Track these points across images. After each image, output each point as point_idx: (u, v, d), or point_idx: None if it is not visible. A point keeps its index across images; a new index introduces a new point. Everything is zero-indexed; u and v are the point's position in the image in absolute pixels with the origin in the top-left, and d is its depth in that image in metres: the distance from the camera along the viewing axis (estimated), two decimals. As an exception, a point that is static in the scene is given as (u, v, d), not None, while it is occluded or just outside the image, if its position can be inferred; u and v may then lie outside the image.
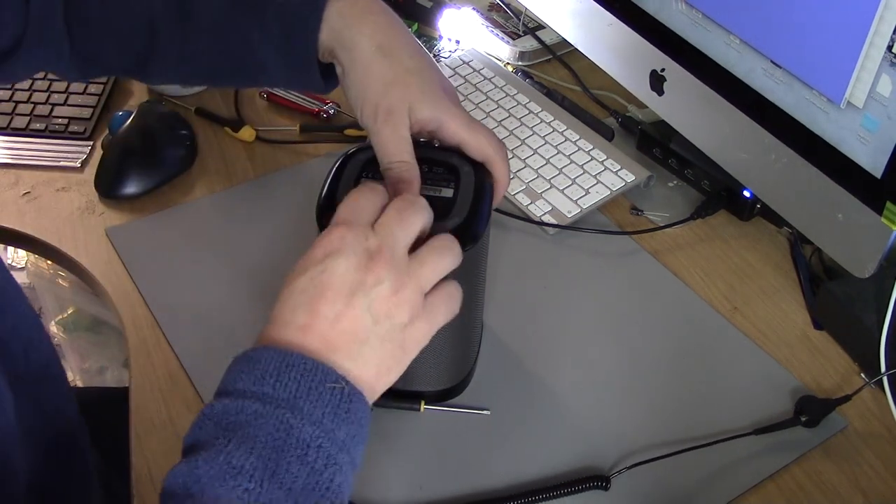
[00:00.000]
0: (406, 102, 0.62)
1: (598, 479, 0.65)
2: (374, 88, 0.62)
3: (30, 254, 1.35)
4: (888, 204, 0.66)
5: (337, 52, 0.64)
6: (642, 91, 0.89)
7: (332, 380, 0.48)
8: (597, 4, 0.90)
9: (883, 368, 0.70)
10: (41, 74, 1.00)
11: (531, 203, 0.86)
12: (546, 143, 0.92)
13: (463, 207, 0.61)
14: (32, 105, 0.97)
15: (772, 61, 0.72)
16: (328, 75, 0.67)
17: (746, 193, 0.85)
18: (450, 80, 1.00)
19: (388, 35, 0.65)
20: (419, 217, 0.54)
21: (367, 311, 0.51)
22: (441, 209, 0.61)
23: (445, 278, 0.54)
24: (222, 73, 0.70)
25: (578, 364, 0.74)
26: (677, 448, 0.67)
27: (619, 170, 0.89)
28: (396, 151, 0.61)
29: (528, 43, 1.07)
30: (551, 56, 1.07)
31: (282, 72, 0.67)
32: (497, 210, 0.85)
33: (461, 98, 0.98)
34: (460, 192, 0.62)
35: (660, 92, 0.86)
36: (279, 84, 0.72)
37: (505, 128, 0.94)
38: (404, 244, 0.53)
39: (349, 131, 0.95)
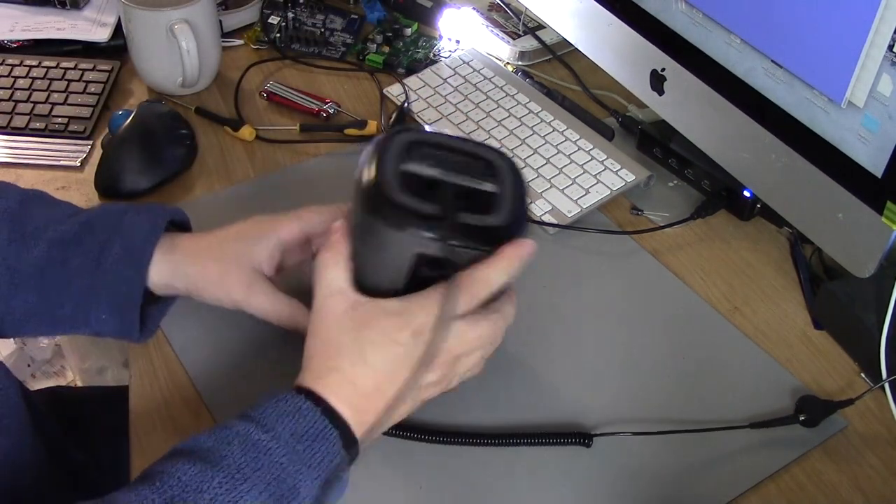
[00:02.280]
0: (246, 262, 0.66)
1: (580, 436, 0.67)
2: (213, 281, 0.67)
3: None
4: (888, 203, 0.65)
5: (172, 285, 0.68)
6: (642, 91, 0.88)
7: (342, 469, 0.55)
8: (597, 4, 0.90)
9: (883, 369, 0.70)
10: (41, 72, 1.00)
11: (531, 203, 0.86)
12: (546, 142, 0.92)
13: (509, 203, 0.59)
14: (32, 104, 0.97)
15: (772, 61, 0.72)
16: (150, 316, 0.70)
17: (746, 193, 0.85)
18: (448, 80, 1.00)
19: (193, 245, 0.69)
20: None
21: (405, 368, 0.57)
22: (484, 203, 0.59)
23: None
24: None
25: (577, 363, 0.74)
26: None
27: (620, 169, 0.89)
28: (274, 310, 0.66)
29: (528, 43, 1.06)
30: (551, 56, 1.07)
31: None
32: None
33: (461, 98, 0.98)
34: (504, 187, 0.60)
35: (660, 92, 0.86)
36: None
37: (505, 127, 0.94)
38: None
39: (349, 131, 0.95)
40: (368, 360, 0.56)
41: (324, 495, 0.55)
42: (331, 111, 0.98)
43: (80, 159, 0.92)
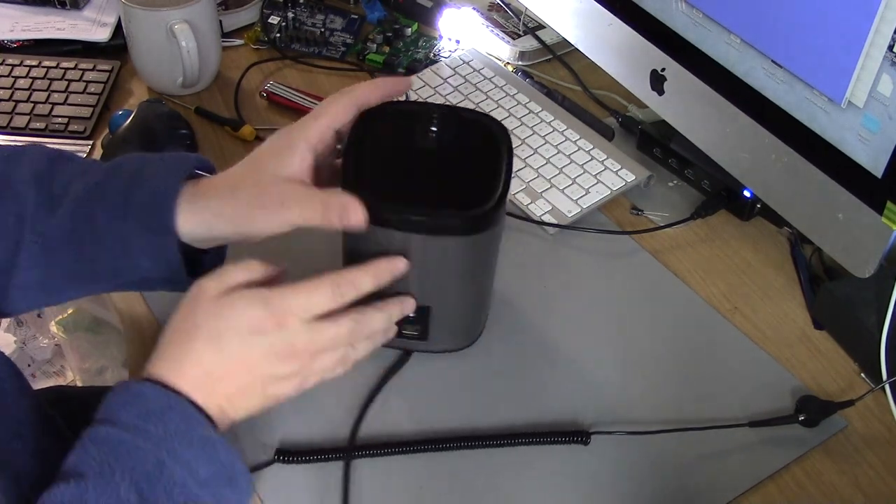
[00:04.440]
0: (280, 176, 0.63)
1: (578, 434, 0.67)
2: (253, 209, 0.63)
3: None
4: (888, 203, 0.65)
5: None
6: (642, 91, 0.88)
7: (203, 427, 0.54)
8: (597, 4, 0.90)
9: (884, 370, 0.70)
10: (41, 72, 1.00)
11: (531, 203, 0.86)
12: (546, 142, 0.92)
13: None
14: (32, 104, 0.97)
15: (772, 61, 0.72)
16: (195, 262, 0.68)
17: (746, 193, 0.85)
18: (448, 80, 1.00)
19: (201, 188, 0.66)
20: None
21: (261, 358, 0.57)
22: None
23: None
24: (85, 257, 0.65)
25: (577, 363, 0.74)
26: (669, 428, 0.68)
27: (620, 169, 0.89)
28: (306, 215, 0.62)
29: (529, 43, 1.06)
30: (551, 56, 1.07)
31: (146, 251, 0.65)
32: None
33: (461, 98, 0.98)
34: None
35: (660, 92, 0.86)
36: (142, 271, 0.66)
37: (505, 127, 0.94)
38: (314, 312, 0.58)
39: (349, 131, 0.95)
40: (224, 347, 0.56)
41: (196, 458, 0.54)
42: (331, 111, 0.98)
43: (80, 159, 0.92)
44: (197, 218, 0.64)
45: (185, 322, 0.57)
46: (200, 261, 0.69)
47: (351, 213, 0.60)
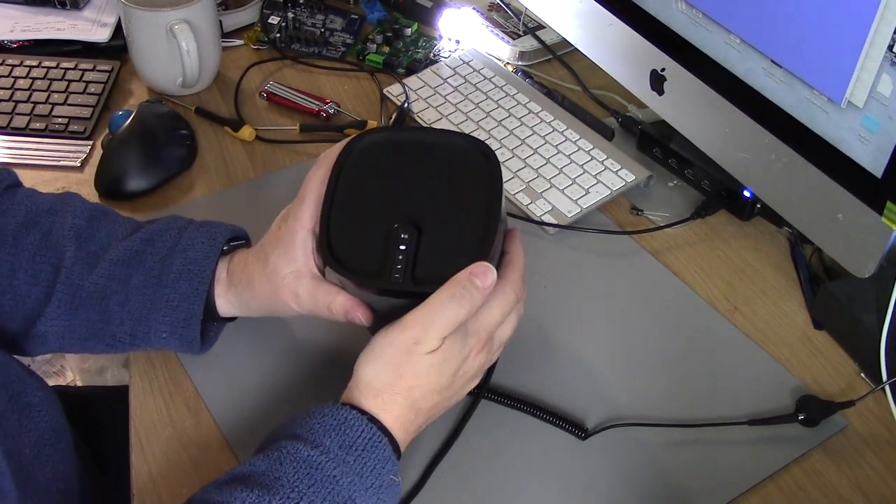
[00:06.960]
0: (289, 270, 0.64)
1: (577, 427, 0.68)
2: (271, 302, 0.66)
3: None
4: (888, 203, 0.66)
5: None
6: (642, 91, 0.88)
7: (394, 473, 0.56)
8: (597, 4, 0.90)
9: (884, 371, 0.70)
10: (41, 73, 1.00)
11: (531, 203, 0.86)
12: (546, 142, 0.92)
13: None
14: (32, 105, 0.97)
15: (772, 61, 0.72)
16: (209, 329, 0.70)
17: (746, 193, 0.85)
18: (448, 80, 1.00)
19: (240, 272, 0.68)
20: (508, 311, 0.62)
21: (469, 380, 0.62)
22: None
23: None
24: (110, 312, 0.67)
25: (577, 362, 0.74)
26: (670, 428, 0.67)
27: (619, 169, 0.89)
28: (331, 299, 0.63)
29: (528, 43, 1.07)
30: (551, 56, 1.07)
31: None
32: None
33: (461, 98, 0.98)
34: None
35: (660, 92, 0.86)
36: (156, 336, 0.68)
37: (505, 128, 0.94)
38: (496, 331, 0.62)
39: (349, 131, 0.95)
40: (436, 385, 0.58)
41: (379, 501, 0.56)
42: (331, 111, 0.98)
43: (80, 160, 0.92)
44: (230, 305, 0.68)
45: (397, 366, 0.57)
46: (206, 326, 0.70)
47: (353, 314, 0.62)
